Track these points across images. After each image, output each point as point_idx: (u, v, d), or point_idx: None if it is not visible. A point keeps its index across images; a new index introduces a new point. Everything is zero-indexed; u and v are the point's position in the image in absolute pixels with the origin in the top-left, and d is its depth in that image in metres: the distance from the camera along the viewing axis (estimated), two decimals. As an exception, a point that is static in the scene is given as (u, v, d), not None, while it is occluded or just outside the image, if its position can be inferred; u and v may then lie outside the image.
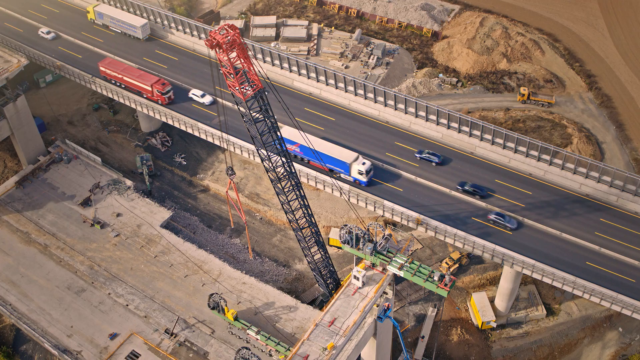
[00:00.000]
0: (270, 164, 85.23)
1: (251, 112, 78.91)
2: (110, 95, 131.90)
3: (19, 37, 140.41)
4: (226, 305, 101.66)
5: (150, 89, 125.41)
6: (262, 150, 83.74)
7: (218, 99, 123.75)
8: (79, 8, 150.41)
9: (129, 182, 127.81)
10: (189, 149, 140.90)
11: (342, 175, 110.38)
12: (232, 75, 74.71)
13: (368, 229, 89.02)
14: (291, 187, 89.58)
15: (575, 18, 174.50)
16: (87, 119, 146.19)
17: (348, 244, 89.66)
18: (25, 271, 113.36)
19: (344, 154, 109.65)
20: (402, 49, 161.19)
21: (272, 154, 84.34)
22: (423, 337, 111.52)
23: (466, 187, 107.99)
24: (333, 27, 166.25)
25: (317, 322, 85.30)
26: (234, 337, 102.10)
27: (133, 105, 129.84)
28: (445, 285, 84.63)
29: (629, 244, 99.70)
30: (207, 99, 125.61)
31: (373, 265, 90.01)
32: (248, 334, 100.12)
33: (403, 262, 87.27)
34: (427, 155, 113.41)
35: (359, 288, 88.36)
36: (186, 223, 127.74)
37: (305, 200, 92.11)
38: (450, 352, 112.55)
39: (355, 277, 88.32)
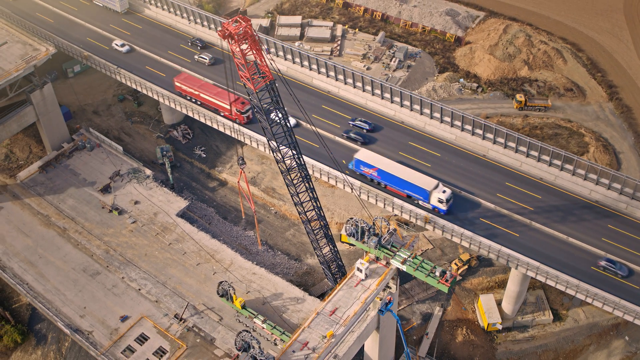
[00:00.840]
0: (280, 156, 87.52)
1: (262, 103, 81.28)
2: (135, 87, 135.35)
3: (49, 27, 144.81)
4: (234, 294, 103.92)
5: (229, 107, 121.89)
6: (272, 141, 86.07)
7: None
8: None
9: (148, 172, 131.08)
10: (209, 142, 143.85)
11: (421, 202, 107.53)
12: (243, 66, 77.17)
13: (374, 222, 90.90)
14: (300, 179, 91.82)
15: (600, 29, 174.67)
16: (111, 110, 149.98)
17: (353, 236, 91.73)
18: (44, 252, 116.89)
19: (423, 181, 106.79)
20: (425, 52, 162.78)
21: (282, 145, 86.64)
22: (427, 333, 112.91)
23: (350, 134, 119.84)
24: (357, 29, 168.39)
25: (319, 311, 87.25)
26: (241, 325, 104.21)
27: (156, 97, 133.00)
28: (447, 281, 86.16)
29: (635, 250, 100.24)
30: (292, 121, 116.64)
31: (377, 259, 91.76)
32: (254, 322, 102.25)
33: (406, 257, 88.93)
34: (360, 122, 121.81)
35: (362, 280, 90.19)
36: (202, 214, 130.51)
37: (314, 192, 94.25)
38: (455, 352, 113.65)
39: (358, 269, 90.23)
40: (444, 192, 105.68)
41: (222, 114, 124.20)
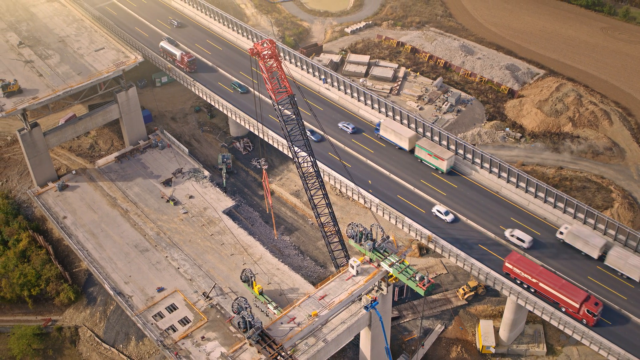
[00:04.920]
0: (298, 161, 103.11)
1: (283, 113, 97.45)
2: (209, 101, 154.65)
3: (142, 39, 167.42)
4: (255, 281, 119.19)
5: (577, 306, 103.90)
6: (292, 147, 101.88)
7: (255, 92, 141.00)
8: (197, 23, 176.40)
9: (206, 173, 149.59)
10: (265, 156, 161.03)
11: None
12: (269, 81, 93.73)
13: (370, 228, 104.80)
14: (317, 185, 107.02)
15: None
16: (187, 118, 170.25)
17: (353, 238, 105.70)
18: (105, 227, 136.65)
19: None
20: (477, 100, 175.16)
21: (300, 152, 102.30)
22: (423, 345, 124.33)
23: None
24: (419, 73, 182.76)
25: (310, 295, 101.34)
26: (257, 309, 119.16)
27: (226, 112, 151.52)
28: (424, 285, 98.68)
29: (616, 292, 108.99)
30: (450, 217, 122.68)
31: (370, 260, 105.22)
32: (268, 307, 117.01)
33: (394, 262, 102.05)
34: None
35: (354, 276, 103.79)
36: (247, 215, 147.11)
37: (327, 199, 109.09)
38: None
39: (351, 265, 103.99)
40: None
41: (562, 309, 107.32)
